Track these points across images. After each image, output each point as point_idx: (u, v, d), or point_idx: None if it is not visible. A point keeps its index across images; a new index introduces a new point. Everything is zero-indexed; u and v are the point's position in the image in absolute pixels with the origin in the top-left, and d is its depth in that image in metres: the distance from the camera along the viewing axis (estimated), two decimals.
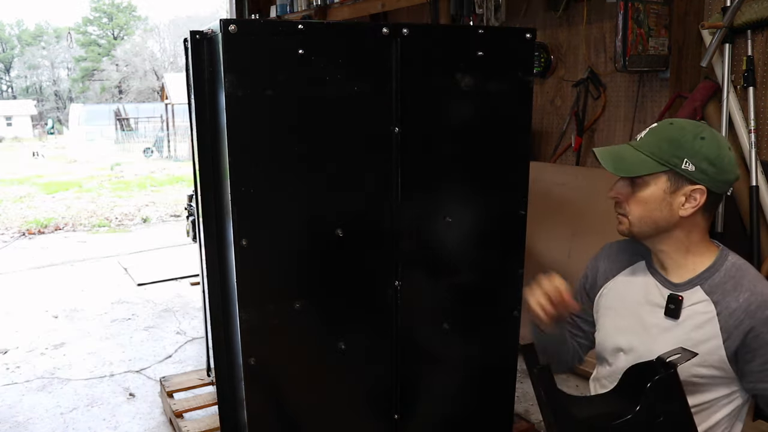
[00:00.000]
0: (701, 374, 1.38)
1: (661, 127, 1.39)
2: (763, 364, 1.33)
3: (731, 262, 1.41)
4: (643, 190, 1.37)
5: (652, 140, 1.37)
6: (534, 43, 1.97)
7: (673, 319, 1.41)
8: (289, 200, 1.76)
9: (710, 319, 1.37)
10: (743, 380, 1.38)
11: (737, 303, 1.34)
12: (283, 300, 1.81)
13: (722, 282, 1.38)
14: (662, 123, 1.41)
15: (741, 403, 1.43)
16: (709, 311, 1.37)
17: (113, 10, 49.98)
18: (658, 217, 1.38)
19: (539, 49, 3.65)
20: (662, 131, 1.38)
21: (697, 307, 1.39)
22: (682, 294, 1.41)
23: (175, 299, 4.91)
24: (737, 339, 1.33)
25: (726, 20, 2.61)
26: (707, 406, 1.41)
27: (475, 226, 2.02)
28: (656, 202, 1.37)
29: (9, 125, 37.40)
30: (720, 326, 1.35)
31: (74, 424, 3.01)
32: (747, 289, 1.35)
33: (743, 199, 2.70)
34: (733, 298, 1.35)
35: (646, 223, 1.39)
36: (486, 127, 1.96)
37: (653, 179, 1.36)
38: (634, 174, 1.36)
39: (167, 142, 21.31)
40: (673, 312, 1.41)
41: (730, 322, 1.34)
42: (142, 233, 7.86)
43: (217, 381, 2.12)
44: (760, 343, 1.32)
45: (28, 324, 4.40)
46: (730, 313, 1.34)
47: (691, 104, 2.81)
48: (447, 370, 2.11)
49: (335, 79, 1.73)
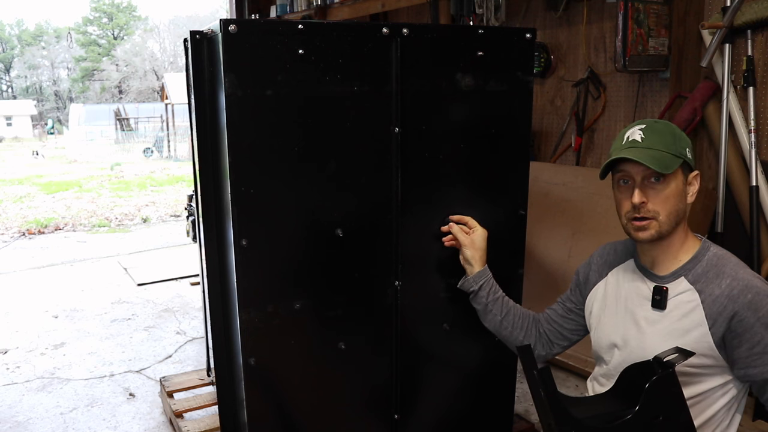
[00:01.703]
0: (693, 363, 1.40)
1: (654, 126, 1.44)
2: (750, 349, 1.36)
3: (713, 252, 1.46)
4: (667, 186, 1.40)
5: (659, 138, 1.41)
6: (534, 43, 1.97)
7: (659, 310, 1.46)
8: (289, 200, 1.76)
9: (695, 307, 1.41)
10: (734, 368, 1.40)
11: (720, 289, 1.38)
12: (283, 300, 1.81)
13: (705, 271, 1.43)
14: (649, 122, 1.45)
15: (736, 393, 1.45)
16: (693, 299, 1.41)
17: (113, 10, 49.97)
18: (681, 209, 1.43)
19: (539, 49, 3.65)
20: (660, 129, 1.43)
21: (682, 296, 1.43)
22: (667, 285, 1.46)
23: (175, 299, 4.91)
24: (722, 325, 1.37)
25: (726, 20, 2.61)
26: (702, 398, 1.43)
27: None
28: (679, 195, 1.42)
29: (9, 125, 37.43)
30: (705, 313, 1.39)
31: (74, 424, 3.01)
32: (728, 276, 1.39)
33: (743, 199, 2.70)
34: (715, 285, 1.39)
35: (673, 218, 1.42)
36: (486, 127, 1.96)
37: (674, 174, 1.40)
38: (672, 170, 1.39)
39: (167, 142, 21.32)
40: (659, 303, 1.45)
41: (714, 309, 1.38)
42: (142, 233, 7.86)
43: (217, 381, 2.12)
44: (744, 327, 1.35)
45: (28, 324, 4.40)
46: (714, 299, 1.38)
47: (691, 104, 2.81)
48: (447, 370, 2.11)
49: (335, 79, 1.73)
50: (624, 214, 1.44)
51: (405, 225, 1.91)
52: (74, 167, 17.44)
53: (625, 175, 1.43)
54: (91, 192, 11.94)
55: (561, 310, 1.76)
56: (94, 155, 20.39)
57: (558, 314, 1.77)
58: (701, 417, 1.43)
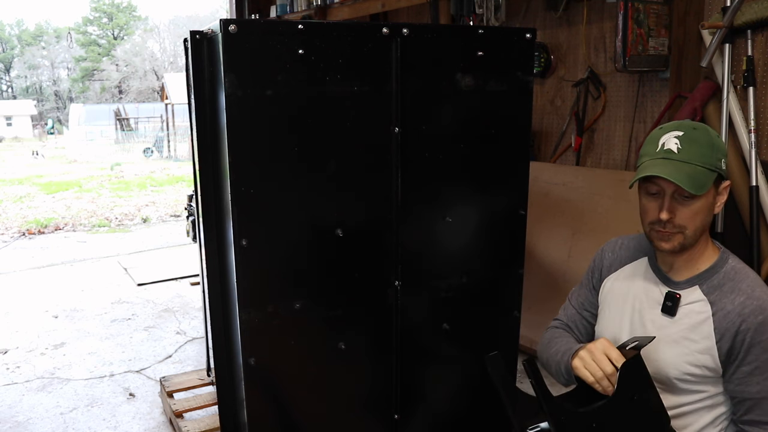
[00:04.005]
0: (693, 373, 1.39)
1: (692, 135, 1.35)
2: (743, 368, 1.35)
3: (731, 265, 1.42)
4: (698, 202, 1.34)
5: (697, 150, 1.33)
6: (534, 43, 1.97)
7: (669, 316, 1.43)
8: (289, 200, 1.76)
9: (705, 320, 1.38)
10: (727, 383, 1.39)
11: (732, 305, 1.36)
12: (283, 300, 1.81)
13: (720, 283, 1.39)
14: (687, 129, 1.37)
15: None
16: (705, 311, 1.39)
17: (113, 10, 49.95)
18: (708, 222, 1.38)
19: (539, 49, 3.65)
20: (698, 138, 1.35)
21: (693, 306, 1.41)
22: (680, 292, 1.43)
23: (175, 299, 4.91)
24: (728, 341, 1.35)
25: (726, 20, 2.61)
26: (700, 406, 1.43)
27: (475, 226, 2.02)
28: (709, 209, 1.37)
29: (9, 125, 37.41)
30: (714, 327, 1.37)
31: (74, 424, 3.01)
32: (744, 293, 1.36)
33: (743, 199, 2.70)
34: (729, 300, 1.36)
35: (699, 232, 1.38)
36: (486, 127, 1.96)
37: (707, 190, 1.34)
38: (707, 189, 1.33)
39: (167, 142, 21.31)
40: (670, 309, 1.43)
41: (724, 324, 1.35)
42: (142, 233, 7.86)
43: (217, 381, 2.12)
44: (746, 348, 1.33)
45: (28, 324, 4.40)
46: (725, 314, 1.36)
47: (691, 104, 2.80)
48: (447, 370, 2.11)
49: (335, 79, 1.73)
50: (648, 222, 1.40)
51: (405, 225, 1.91)
52: (74, 167, 17.44)
53: (655, 187, 1.37)
54: (91, 192, 11.94)
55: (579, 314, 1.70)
56: (94, 155, 20.38)
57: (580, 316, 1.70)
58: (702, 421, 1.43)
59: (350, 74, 1.75)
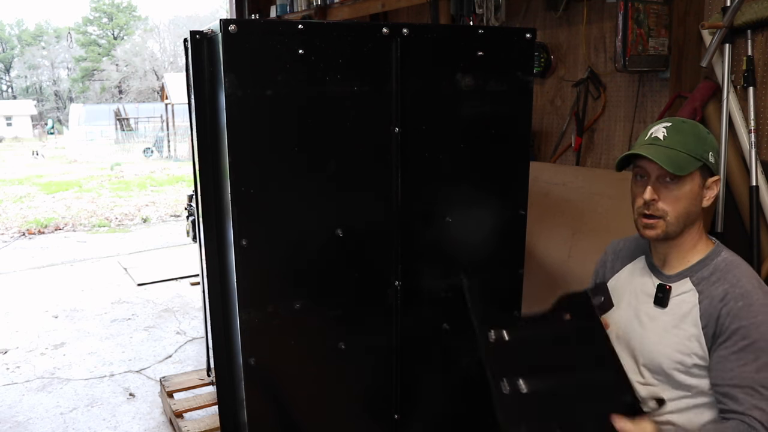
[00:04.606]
0: (684, 362, 1.41)
1: (680, 126, 1.44)
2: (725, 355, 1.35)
3: (723, 257, 1.46)
4: (682, 187, 1.40)
5: (681, 138, 1.41)
6: (534, 43, 1.97)
7: (660, 307, 1.48)
8: (289, 200, 1.76)
9: (692, 308, 1.42)
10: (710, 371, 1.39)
11: (717, 292, 1.40)
12: (283, 300, 1.81)
13: (710, 274, 1.44)
14: (676, 121, 1.45)
15: None
16: (692, 300, 1.43)
17: (113, 10, 49.94)
18: (692, 212, 1.43)
19: (539, 49, 3.65)
20: (684, 129, 1.43)
21: (683, 296, 1.45)
22: (671, 284, 1.47)
23: (175, 299, 4.91)
24: (712, 326, 1.38)
25: (726, 20, 2.61)
26: (699, 402, 1.43)
27: (475, 226, 2.02)
28: (693, 198, 1.42)
29: (9, 125, 37.41)
30: (700, 314, 1.41)
31: (74, 424, 3.01)
32: (729, 281, 1.40)
33: (743, 199, 2.70)
34: (715, 288, 1.41)
35: (682, 220, 1.43)
36: (486, 127, 1.96)
37: (690, 176, 1.40)
38: (687, 172, 1.39)
39: (167, 142, 21.31)
40: (661, 300, 1.48)
41: (709, 310, 1.39)
42: (142, 233, 7.86)
43: (217, 381, 2.12)
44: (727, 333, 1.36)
45: (28, 324, 4.40)
46: (710, 302, 1.40)
47: (691, 104, 2.80)
48: (447, 370, 2.11)
49: (335, 79, 1.73)
50: (636, 208, 1.47)
51: (405, 225, 1.91)
52: (74, 167, 17.44)
53: (642, 171, 1.45)
54: (91, 192, 11.94)
55: None
56: (94, 155, 20.38)
57: None
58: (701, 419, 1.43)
59: (350, 74, 1.75)
